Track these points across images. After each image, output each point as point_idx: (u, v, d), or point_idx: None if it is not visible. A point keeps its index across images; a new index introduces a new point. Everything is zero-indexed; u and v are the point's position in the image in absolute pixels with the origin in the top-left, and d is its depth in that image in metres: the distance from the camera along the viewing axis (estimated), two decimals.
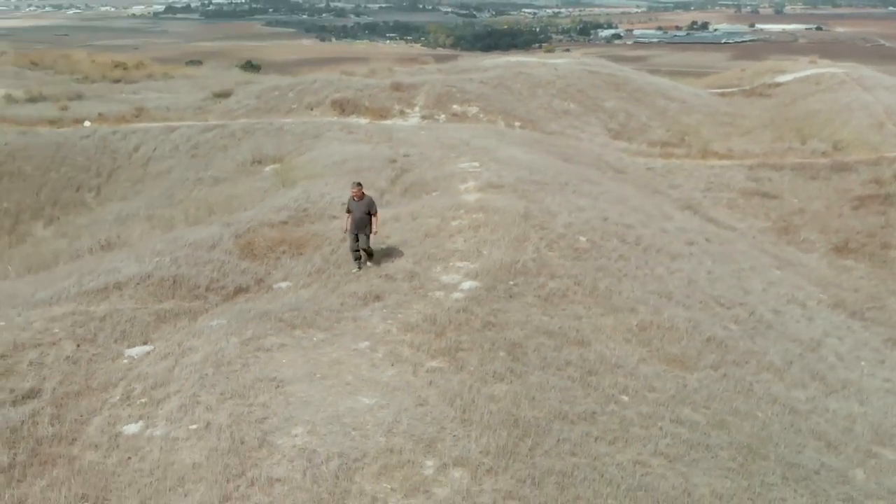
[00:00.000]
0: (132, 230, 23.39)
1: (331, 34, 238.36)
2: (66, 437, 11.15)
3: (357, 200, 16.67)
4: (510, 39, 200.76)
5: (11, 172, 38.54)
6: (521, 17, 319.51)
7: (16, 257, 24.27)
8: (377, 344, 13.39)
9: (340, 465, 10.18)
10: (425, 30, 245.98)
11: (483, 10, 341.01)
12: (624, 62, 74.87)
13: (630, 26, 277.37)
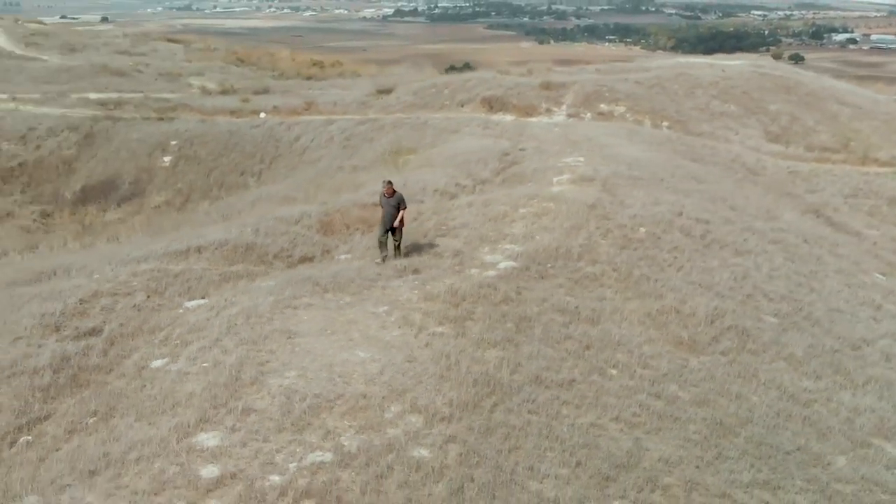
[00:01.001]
0: (258, 209, 25.90)
1: (550, 36, 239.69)
2: (105, 367, 13.34)
3: (388, 197, 17.47)
4: (735, 42, 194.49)
5: (188, 156, 42.69)
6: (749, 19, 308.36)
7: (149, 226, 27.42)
8: (394, 309, 14.87)
9: (312, 404, 11.73)
10: (646, 32, 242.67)
11: (709, 11, 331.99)
12: (856, 67, 72.18)
13: (868, 31, 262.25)
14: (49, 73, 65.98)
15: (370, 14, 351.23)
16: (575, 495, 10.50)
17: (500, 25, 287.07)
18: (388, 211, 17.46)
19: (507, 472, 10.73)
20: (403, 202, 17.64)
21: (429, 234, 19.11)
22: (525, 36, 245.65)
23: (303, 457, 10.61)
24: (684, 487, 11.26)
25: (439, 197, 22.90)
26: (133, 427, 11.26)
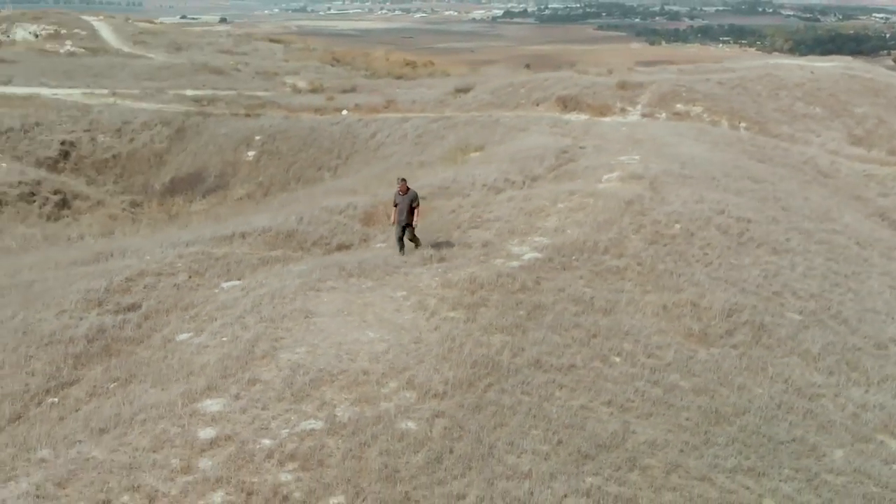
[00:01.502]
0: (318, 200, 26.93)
1: (661, 37, 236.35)
2: (136, 339, 14.41)
3: (402, 194, 17.86)
4: (855, 45, 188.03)
5: (271, 151, 44.28)
6: (870, 21, 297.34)
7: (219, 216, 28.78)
8: (411, 294, 15.58)
9: (315, 378, 12.52)
10: (762, 33, 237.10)
11: (828, 13, 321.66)
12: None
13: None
14: (151, 71, 68.97)
15: (479, 15, 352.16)
16: (549, 470, 10.97)
17: (610, 26, 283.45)
18: (403, 208, 17.89)
19: (486, 445, 11.28)
20: (416, 199, 17.97)
21: (462, 225, 19.76)
22: (636, 37, 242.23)
23: (296, 424, 11.39)
24: (664, 469, 11.61)
25: (486, 191, 23.49)
26: (147, 392, 12.24)
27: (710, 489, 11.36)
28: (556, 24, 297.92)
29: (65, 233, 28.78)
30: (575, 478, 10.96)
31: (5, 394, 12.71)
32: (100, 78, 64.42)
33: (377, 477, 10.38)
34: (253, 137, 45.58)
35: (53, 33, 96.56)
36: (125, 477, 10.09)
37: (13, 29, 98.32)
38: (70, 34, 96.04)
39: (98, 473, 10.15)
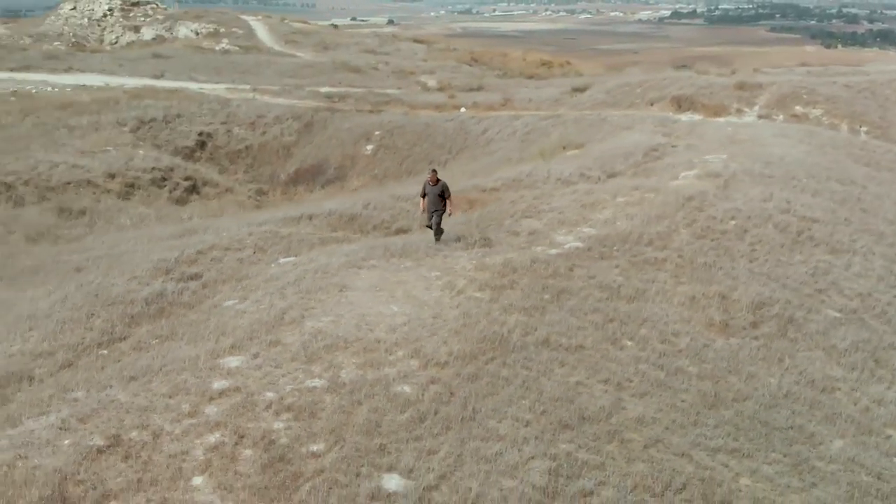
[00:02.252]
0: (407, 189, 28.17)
1: (837, 41, 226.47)
2: (189, 304, 15.97)
3: (432, 185, 18.20)
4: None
5: (387, 146, 46.05)
6: None
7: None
8: (444, 274, 16.55)
9: (331, 343, 13.69)
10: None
11: None
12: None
13: None
14: (294, 69, 72.33)
15: (646, 16, 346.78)
16: (525, 435, 11.71)
17: (783, 28, 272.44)
18: (432, 198, 18.22)
19: (471, 410, 12.12)
20: (447, 190, 18.30)
21: (517, 214, 20.56)
22: (810, 39, 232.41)
23: (301, 382, 12.58)
24: (644, 443, 12.13)
25: (556, 184, 24.19)
26: (181, 348, 13.71)
27: (686, 465, 11.82)
28: (727, 26, 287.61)
29: (177, 214, 31.15)
30: (548, 444, 11.65)
31: (63, 345, 14.45)
32: (246, 74, 68.04)
33: (360, 430, 11.42)
34: (373, 132, 47.46)
35: (213, 31, 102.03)
36: (138, 416, 11.52)
37: (177, 27, 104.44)
38: (228, 33, 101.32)
39: (116, 412, 11.62)
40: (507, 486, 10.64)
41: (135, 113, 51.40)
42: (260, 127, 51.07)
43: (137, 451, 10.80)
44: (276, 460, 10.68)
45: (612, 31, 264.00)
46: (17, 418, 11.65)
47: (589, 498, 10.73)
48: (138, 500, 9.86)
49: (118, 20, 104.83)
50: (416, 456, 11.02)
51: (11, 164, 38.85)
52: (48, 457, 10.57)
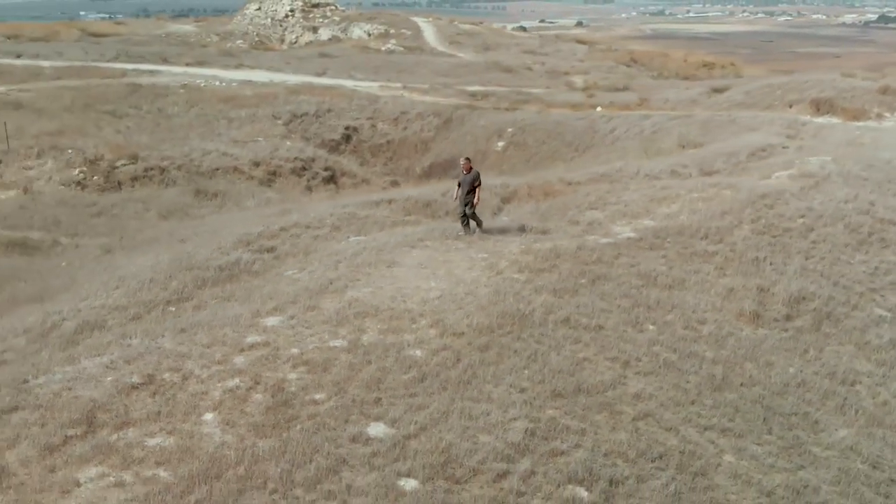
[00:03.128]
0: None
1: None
2: (256, 272, 17.63)
3: (465, 173, 18.55)
4: None
5: (518, 143, 47.16)
6: None
7: None
8: (491, 257, 17.54)
9: (362, 311, 14.98)
10: None
11: None
12: None
13: None
14: (449, 68, 74.43)
15: (850, 19, 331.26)
16: (516, 400, 12.59)
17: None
18: (465, 187, 18.60)
19: (471, 375, 13.12)
20: (478, 179, 18.63)
21: (582, 206, 21.26)
22: None
23: (325, 341, 13.93)
24: (634, 416, 12.73)
25: (644, 180, 24.65)
26: (231, 308, 15.34)
27: (670, 438, 12.39)
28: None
29: (301, 198, 33.37)
30: (536, 409, 12.48)
31: (138, 301, 16.40)
32: (402, 73, 70.65)
33: (362, 385, 12.65)
34: (505, 129, 48.66)
35: (383, 32, 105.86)
36: (175, 361, 13.19)
37: (351, 28, 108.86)
38: (397, 34, 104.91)
39: (157, 357, 13.34)
40: (482, 440, 11.58)
41: (289, 107, 54.65)
42: (402, 123, 53.23)
43: (165, 389, 12.44)
44: (279, 404, 12.05)
45: (814, 34, 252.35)
46: (77, 358, 13.54)
47: (559, 457, 11.50)
48: (151, 429, 11.44)
49: (299, 21, 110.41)
50: (405, 409, 12.12)
51: (168, 150, 42.44)
52: (89, 389, 12.35)
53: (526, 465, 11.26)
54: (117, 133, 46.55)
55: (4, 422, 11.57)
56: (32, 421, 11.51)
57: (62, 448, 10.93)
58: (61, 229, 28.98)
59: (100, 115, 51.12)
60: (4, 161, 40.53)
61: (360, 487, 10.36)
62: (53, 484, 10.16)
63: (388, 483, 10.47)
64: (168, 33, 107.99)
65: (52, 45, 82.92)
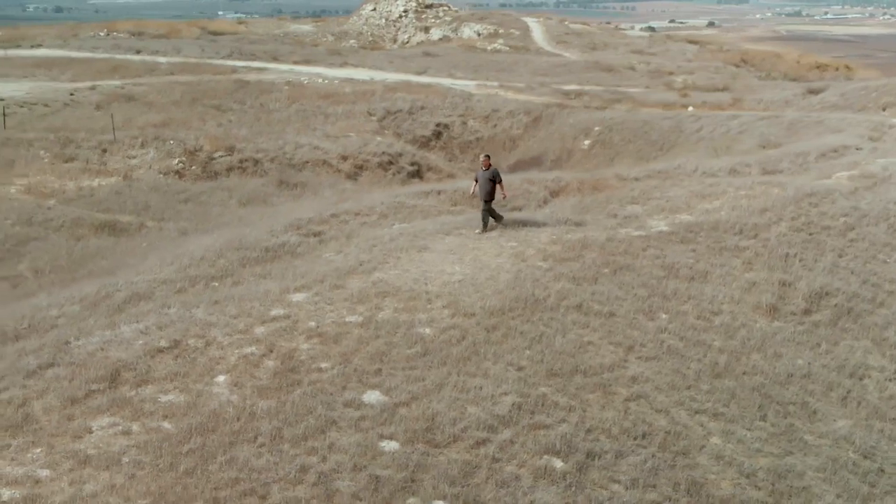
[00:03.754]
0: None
1: None
2: (299, 254, 18.64)
3: (484, 170, 19.00)
4: None
5: (603, 141, 47.38)
6: None
7: None
8: (520, 245, 18.13)
9: (383, 291, 15.81)
10: None
11: None
12: None
13: None
14: (548, 67, 74.87)
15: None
16: (511, 377, 13.21)
17: None
18: (483, 183, 18.97)
19: (471, 352, 13.80)
20: (498, 176, 19.07)
21: (624, 200, 21.62)
22: None
23: (342, 317, 14.85)
24: (627, 397, 13.18)
25: (700, 177, 24.80)
26: (265, 284, 16.44)
27: (659, 419, 12.83)
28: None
29: (373, 189, 34.53)
30: (529, 386, 13.07)
31: (186, 276, 17.64)
32: (501, 72, 71.45)
33: (367, 356, 13.50)
34: (592, 128, 48.91)
35: (493, 32, 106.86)
36: (201, 328, 14.32)
37: (461, 28, 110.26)
38: (506, 33, 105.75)
39: (187, 325, 14.50)
40: (469, 411, 12.25)
41: (385, 104, 56.11)
42: (493, 120, 54.02)
43: (188, 353, 13.57)
44: (287, 370, 13.02)
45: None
46: (117, 324, 14.82)
47: (541, 430, 12.08)
48: (167, 387, 12.56)
49: (412, 21, 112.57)
50: (402, 380, 12.90)
51: (264, 143, 44.30)
52: (120, 351, 13.58)
53: (506, 435, 11.86)
54: (219, 126, 48.72)
55: (39, 376, 12.86)
56: (63, 376, 12.76)
57: (83, 400, 12.12)
58: (150, 213, 30.88)
59: (206, 109, 53.55)
60: (110, 150, 43.04)
61: (342, 446, 11.18)
62: (68, 430, 11.33)
63: (369, 443, 11.26)
64: (286, 33, 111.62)
65: (172, 41, 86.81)
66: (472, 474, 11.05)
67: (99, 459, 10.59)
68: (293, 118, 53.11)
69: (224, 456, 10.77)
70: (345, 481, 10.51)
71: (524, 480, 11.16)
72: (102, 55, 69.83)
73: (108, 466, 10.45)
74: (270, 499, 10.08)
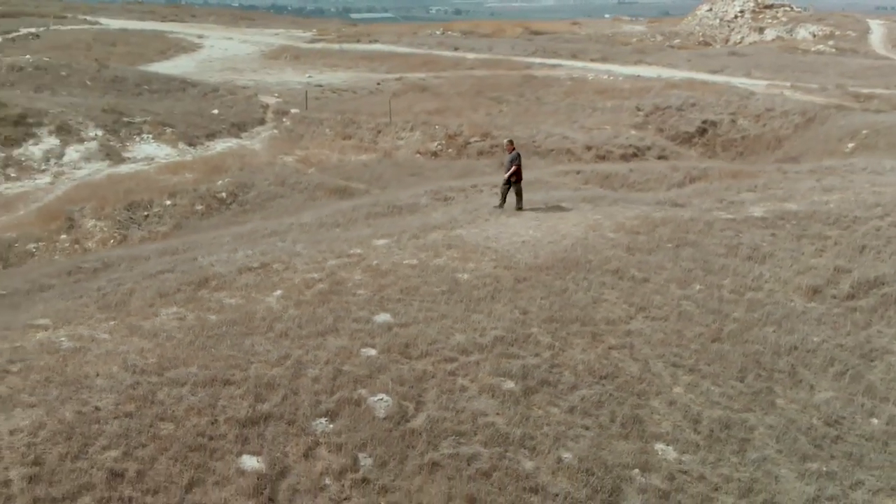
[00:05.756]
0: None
1: None
2: (415, 212, 21.50)
3: (508, 153, 20.96)
4: None
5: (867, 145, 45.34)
6: None
7: None
8: (603, 218, 19.65)
9: (453, 243, 18.11)
10: None
11: None
12: None
13: None
14: (858, 70, 71.55)
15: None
16: (509, 316, 15.12)
17: None
18: (507, 167, 20.83)
19: (489, 296, 15.93)
20: (517, 160, 20.68)
21: (742, 188, 22.19)
22: None
23: (402, 259, 17.44)
24: (612, 345, 14.57)
25: (859, 174, 24.40)
26: (364, 231, 19.56)
27: (631, 366, 14.27)
28: None
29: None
30: (523, 326, 15.00)
31: (320, 223, 21.20)
32: (804, 73, 69.37)
33: (398, 289, 15.98)
34: (860, 131, 46.83)
35: (828, 34, 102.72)
36: (289, 257, 17.61)
37: (796, 28, 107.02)
38: (841, 35, 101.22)
39: (281, 254, 17.84)
40: (455, 338, 14.42)
41: (656, 100, 57.18)
42: (763, 119, 53.21)
43: (266, 273, 16.98)
44: (328, 292, 15.99)
45: None
46: (236, 250, 18.62)
47: (509, 359, 14.01)
48: (234, 294, 15.93)
49: (747, 21, 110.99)
50: (415, 309, 15.34)
51: (518, 131, 47.52)
52: (221, 266, 17.25)
53: (475, 357, 13.99)
54: (487, 115, 52.63)
55: (155, 278, 16.88)
56: (169, 279, 16.67)
57: (169, 296, 15.87)
58: (379, 183, 35.25)
59: (484, 100, 57.77)
60: (384, 131, 48.45)
61: (329, 347, 13.87)
62: (142, 313, 15.09)
63: (352, 348, 13.89)
64: (614, 33, 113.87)
65: (491, 40, 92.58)
66: (423, 380, 13.34)
67: (146, 332, 14.16)
68: (561, 111, 55.75)
69: (234, 340, 13.92)
70: (314, 370, 13.26)
71: (469, 392, 13.27)
72: (422, 51, 76.48)
73: (149, 337, 13.97)
74: (248, 372, 13.07)
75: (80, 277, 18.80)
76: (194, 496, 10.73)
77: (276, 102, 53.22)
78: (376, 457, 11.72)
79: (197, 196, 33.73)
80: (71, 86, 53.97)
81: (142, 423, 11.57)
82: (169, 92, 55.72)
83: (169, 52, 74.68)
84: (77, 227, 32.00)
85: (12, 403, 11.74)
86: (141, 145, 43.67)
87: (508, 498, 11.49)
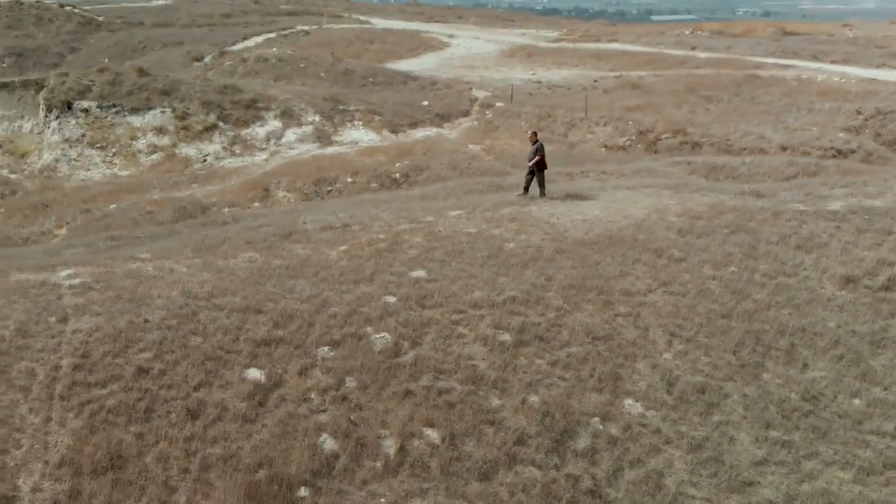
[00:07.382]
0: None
1: None
2: (501, 190, 23.16)
3: (532, 144, 21.84)
4: None
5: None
6: None
7: None
8: (675, 203, 20.36)
9: (518, 218, 19.59)
10: None
11: None
12: None
13: None
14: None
15: None
16: (532, 281, 16.49)
17: None
18: (530, 157, 21.83)
19: (523, 263, 17.33)
20: (539, 151, 21.57)
21: (837, 184, 21.95)
22: None
23: (464, 228, 19.17)
24: (619, 313, 15.65)
25: None
26: (446, 203, 21.45)
27: (631, 331, 15.34)
28: None
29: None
30: (540, 290, 16.40)
31: (424, 195, 23.35)
32: None
33: (446, 252, 17.67)
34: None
35: None
36: (369, 220, 19.86)
37: None
38: None
39: (363, 217, 20.17)
40: (473, 294, 16.03)
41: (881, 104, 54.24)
42: None
43: (342, 232, 19.31)
44: (384, 251, 17.97)
45: None
46: (335, 212, 21.13)
47: (512, 315, 15.46)
48: (307, 247, 18.26)
49: None
50: (451, 269, 16.90)
51: (715, 129, 47.13)
52: (311, 224, 19.85)
53: (482, 312, 15.62)
54: (690, 112, 52.35)
55: (256, 232, 19.63)
56: (262, 234, 19.33)
57: (255, 243, 18.51)
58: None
59: (694, 98, 57.28)
60: (577, 126, 49.78)
61: (357, 293, 15.79)
62: (226, 255, 17.78)
63: (375, 295, 15.92)
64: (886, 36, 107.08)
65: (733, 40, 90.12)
66: (427, 326, 15.16)
67: (216, 269, 16.86)
68: (772, 110, 54.21)
69: (280, 281, 16.28)
70: (334, 308, 15.42)
71: (465, 339, 14.97)
72: (650, 49, 76.16)
73: (215, 273, 16.64)
74: (279, 305, 15.34)
75: (209, 228, 21.90)
76: (199, 394, 13.11)
77: (484, 96, 55.77)
78: (360, 381, 13.66)
79: (374, 175, 36.86)
80: (306, 76, 59.33)
81: (176, 335, 14.12)
82: (391, 84, 59.72)
83: (418, 49, 78.73)
84: (270, 196, 36.02)
85: (84, 311, 14.63)
86: (350, 131, 47.65)
87: (464, 426, 13.06)
